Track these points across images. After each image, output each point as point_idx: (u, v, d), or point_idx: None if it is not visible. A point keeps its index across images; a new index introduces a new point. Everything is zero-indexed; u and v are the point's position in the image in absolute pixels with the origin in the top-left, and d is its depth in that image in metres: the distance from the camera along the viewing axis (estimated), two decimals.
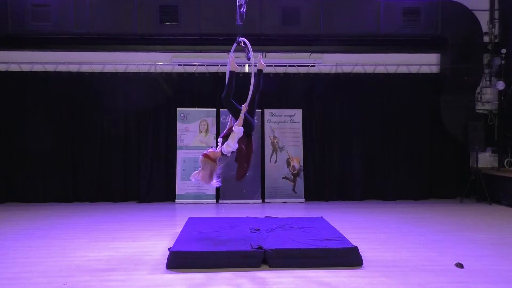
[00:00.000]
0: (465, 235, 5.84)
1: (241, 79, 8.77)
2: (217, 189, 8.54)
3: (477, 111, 8.94)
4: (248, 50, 5.21)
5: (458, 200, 8.63)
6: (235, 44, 5.40)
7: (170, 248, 4.63)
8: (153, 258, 4.75)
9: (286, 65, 8.92)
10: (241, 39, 5.28)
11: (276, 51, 8.91)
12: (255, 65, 5.28)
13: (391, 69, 9.03)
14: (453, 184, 8.89)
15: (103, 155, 8.64)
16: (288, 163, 8.69)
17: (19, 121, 8.50)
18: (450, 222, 6.72)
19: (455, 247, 5.19)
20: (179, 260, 4.42)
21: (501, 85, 8.77)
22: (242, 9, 5.31)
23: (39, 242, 5.45)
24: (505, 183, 8.15)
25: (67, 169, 8.56)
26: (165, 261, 4.48)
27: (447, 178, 8.91)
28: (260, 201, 8.54)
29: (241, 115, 4.89)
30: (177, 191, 8.52)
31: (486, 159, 9.08)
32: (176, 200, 8.48)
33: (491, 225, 6.55)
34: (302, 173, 8.69)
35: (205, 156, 4.82)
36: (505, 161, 8.88)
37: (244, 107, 4.95)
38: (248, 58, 5.25)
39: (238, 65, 8.74)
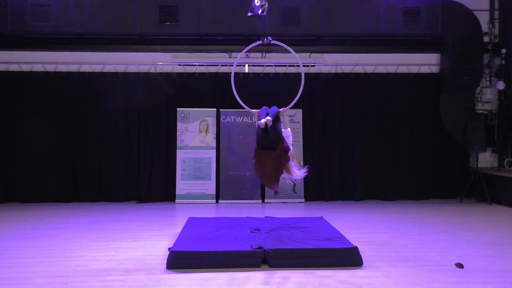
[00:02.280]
0: (465, 235, 5.83)
1: (240, 79, 8.81)
2: (217, 189, 8.55)
3: (477, 111, 8.94)
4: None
5: (458, 200, 8.63)
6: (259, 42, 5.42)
7: (170, 248, 4.63)
8: (153, 258, 4.74)
9: (286, 65, 8.92)
10: (269, 38, 5.33)
11: (276, 51, 8.90)
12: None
13: (391, 69, 9.03)
14: (453, 184, 8.89)
15: (103, 155, 8.64)
16: None
17: (19, 121, 8.49)
18: (450, 222, 6.71)
19: (455, 247, 5.19)
20: (179, 260, 4.42)
21: (501, 85, 8.78)
22: (264, 6, 5.24)
23: (39, 242, 5.45)
24: (505, 183, 8.14)
25: (67, 169, 8.55)
26: (165, 261, 4.48)
27: (447, 178, 8.91)
28: (260, 201, 8.53)
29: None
30: (177, 191, 8.51)
31: (486, 159, 9.08)
32: (176, 200, 8.48)
33: (491, 225, 6.54)
34: None
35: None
36: (505, 161, 8.88)
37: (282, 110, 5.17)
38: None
39: (238, 65, 8.84)
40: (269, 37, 5.34)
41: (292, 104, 5.53)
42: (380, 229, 6.22)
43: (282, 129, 5.06)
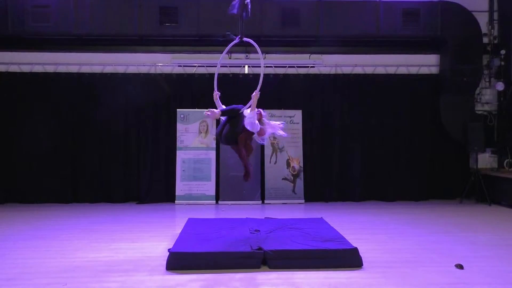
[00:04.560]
0: (465, 236, 5.83)
1: (240, 80, 8.81)
2: (217, 190, 8.55)
3: (477, 112, 8.95)
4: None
5: (458, 201, 8.63)
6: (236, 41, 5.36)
7: (169, 249, 4.63)
8: (152, 259, 4.74)
9: (286, 66, 8.93)
10: (245, 39, 5.29)
11: (276, 52, 8.92)
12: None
13: (391, 70, 9.04)
14: (453, 185, 8.89)
15: (103, 156, 8.64)
16: (288, 164, 8.69)
17: (19, 122, 8.49)
18: (450, 223, 6.72)
19: (455, 248, 5.19)
20: (178, 261, 4.41)
21: (500, 86, 8.79)
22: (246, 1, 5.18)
23: (39, 243, 5.44)
24: (505, 184, 8.15)
25: (67, 169, 8.55)
26: (165, 262, 4.47)
27: (447, 179, 8.91)
28: (260, 202, 8.53)
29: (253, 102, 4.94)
30: (177, 192, 8.51)
31: (485, 160, 9.07)
32: (176, 201, 8.48)
33: (491, 226, 6.54)
34: (302, 174, 8.68)
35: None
36: (505, 162, 8.88)
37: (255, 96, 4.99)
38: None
39: (237, 66, 8.86)
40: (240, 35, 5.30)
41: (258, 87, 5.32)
42: (380, 230, 6.21)
43: (245, 112, 5.04)
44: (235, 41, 5.29)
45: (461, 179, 8.82)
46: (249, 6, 5.21)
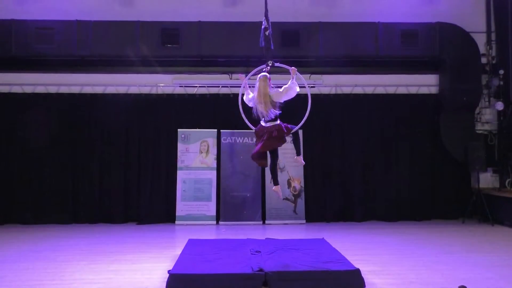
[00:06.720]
0: (468, 256, 5.77)
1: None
2: (218, 210, 8.50)
3: (477, 131, 8.97)
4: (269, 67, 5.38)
5: (460, 220, 8.57)
6: (264, 66, 5.53)
7: (169, 270, 4.58)
8: (152, 281, 4.68)
9: None
10: (272, 63, 5.47)
11: (276, 73, 8.98)
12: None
13: (391, 90, 9.10)
14: (455, 205, 8.83)
15: (103, 176, 8.62)
16: (289, 184, 8.66)
17: (20, 142, 8.51)
18: (453, 243, 6.65)
19: (458, 269, 5.13)
20: (178, 283, 4.36)
21: (500, 105, 8.83)
22: (267, 32, 5.43)
23: (38, 264, 5.39)
24: (507, 203, 8.10)
25: (66, 190, 8.53)
26: (165, 284, 4.41)
27: (448, 198, 8.86)
28: (261, 222, 8.47)
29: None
30: (177, 212, 8.46)
31: (487, 180, 9.04)
32: (176, 222, 8.42)
33: (494, 246, 6.48)
34: (303, 194, 8.65)
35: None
36: (506, 182, 8.85)
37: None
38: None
39: (238, 87, 8.91)
40: (272, 61, 5.49)
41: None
42: (382, 251, 6.15)
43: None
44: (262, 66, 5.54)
45: (463, 198, 8.76)
46: (270, 37, 5.44)
